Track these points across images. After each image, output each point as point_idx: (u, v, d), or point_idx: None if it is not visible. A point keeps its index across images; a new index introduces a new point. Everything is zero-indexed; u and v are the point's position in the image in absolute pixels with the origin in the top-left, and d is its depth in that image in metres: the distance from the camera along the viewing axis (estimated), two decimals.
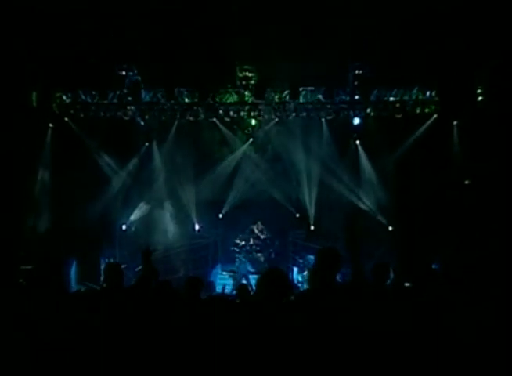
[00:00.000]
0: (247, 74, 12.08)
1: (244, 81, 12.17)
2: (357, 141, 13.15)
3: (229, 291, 12.43)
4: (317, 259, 3.74)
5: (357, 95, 12.27)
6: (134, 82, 12.07)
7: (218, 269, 13.72)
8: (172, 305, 4.23)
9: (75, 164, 11.86)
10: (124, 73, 11.88)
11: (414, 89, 12.17)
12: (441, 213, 11.67)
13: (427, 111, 12.43)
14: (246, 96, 12.37)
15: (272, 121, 12.91)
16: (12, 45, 10.33)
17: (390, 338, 3.07)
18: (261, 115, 12.76)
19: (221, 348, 3.12)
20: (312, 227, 13.13)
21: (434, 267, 7.92)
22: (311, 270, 8.98)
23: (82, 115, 12.47)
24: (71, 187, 11.53)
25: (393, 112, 12.37)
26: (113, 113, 12.46)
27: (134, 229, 13.28)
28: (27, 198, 11.91)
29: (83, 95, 12.28)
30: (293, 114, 12.60)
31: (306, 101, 12.36)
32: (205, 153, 13.30)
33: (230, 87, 12.27)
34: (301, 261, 13.03)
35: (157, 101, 12.46)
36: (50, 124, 12.63)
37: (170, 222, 12.99)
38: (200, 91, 12.30)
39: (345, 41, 10.21)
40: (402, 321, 3.20)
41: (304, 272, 12.67)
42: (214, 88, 12.32)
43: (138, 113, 12.62)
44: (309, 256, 12.43)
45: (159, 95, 12.39)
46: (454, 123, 12.38)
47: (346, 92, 12.28)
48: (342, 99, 12.40)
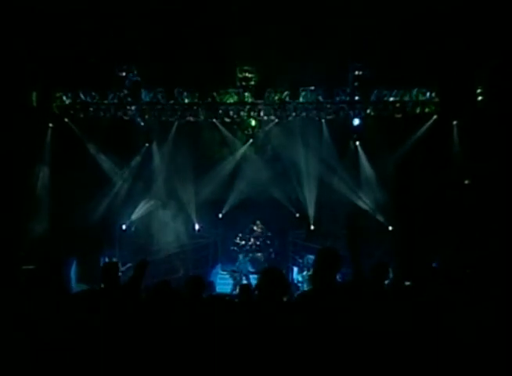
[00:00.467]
0: (247, 74, 12.08)
1: (244, 82, 12.17)
2: (357, 142, 13.17)
3: (229, 290, 12.43)
4: (317, 259, 3.74)
5: (357, 96, 12.27)
6: (134, 82, 12.06)
7: (218, 268, 13.72)
8: (173, 305, 4.23)
9: (75, 164, 11.85)
10: (124, 74, 11.87)
11: (414, 90, 12.17)
12: (441, 213, 11.67)
13: (427, 111, 12.43)
14: (246, 97, 12.38)
15: (272, 121, 12.92)
16: (12, 45, 10.33)
17: (390, 337, 3.07)
18: (261, 115, 12.76)
19: (222, 347, 3.12)
20: (312, 227, 13.13)
21: (434, 266, 7.92)
22: (311, 270, 8.99)
23: (82, 115, 12.47)
24: (71, 187, 11.53)
25: (393, 112, 12.37)
26: (113, 113, 12.46)
27: (134, 229, 13.28)
28: (27, 198, 11.91)
29: (83, 96, 12.28)
30: (293, 114, 12.59)
31: (306, 101, 12.36)
32: (205, 154, 13.31)
33: (230, 87, 12.26)
34: (300, 261, 13.03)
35: (157, 101, 12.46)
36: (50, 124, 12.64)
37: (170, 222, 12.98)
38: (200, 91, 12.30)
39: (345, 41, 10.21)
40: (402, 321, 3.20)
41: (304, 273, 12.66)
42: (214, 89, 12.32)
43: (138, 113, 12.63)
44: (309, 256, 12.42)
45: (159, 96, 12.39)
46: (454, 123, 12.38)
47: (346, 92, 12.27)
48: (342, 99, 12.40)
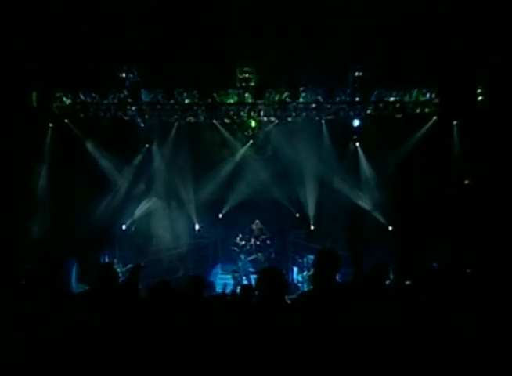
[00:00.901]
0: (247, 75, 12.08)
1: (244, 83, 12.17)
2: (357, 143, 13.17)
3: (229, 290, 12.42)
4: (317, 259, 3.74)
5: (357, 97, 12.27)
6: (134, 83, 12.06)
7: (218, 268, 13.72)
8: (173, 305, 4.23)
9: (75, 164, 11.86)
10: (124, 74, 11.87)
11: (414, 91, 12.16)
12: (441, 213, 11.67)
13: (427, 111, 12.44)
14: (246, 98, 12.38)
15: (272, 122, 12.93)
16: (12, 44, 10.33)
17: (390, 338, 3.07)
18: (261, 116, 12.76)
19: (222, 347, 3.12)
20: (312, 227, 13.14)
21: (434, 266, 7.92)
22: (311, 270, 8.99)
23: (82, 115, 12.47)
24: (71, 187, 11.54)
25: (393, 112, 12.37)
26: (113, 113, 12.47)
27: (134, 229, 13.29)
28: (27, 198, 11.91)
29: (82, 96, 12.28)
30: (293, 114, 12.59)
31: (306, 101, 12.36)
32: (205, 155, 13.33)
33: (230, 88, 12.26)
34: (300, 261, 13.03)
35: (157, 101, 12.46)
36: (50, 124, 12.64)
37: (170, 222, 12.99)
38: (200, 91, 12.30)
39: (345, 41, 10.21)
40: (402, 321, 3.20)
41: (304, 273, 12.67)
42: (214, 89, 12.32)
43: (138, 113, 12.63)
44: (309, 256, 12.42)
45: (159, 97, 12.39)
46: (454, 123, 12.38)
47: (346, 93, 12.27)
48: (342, 100, 12.40)
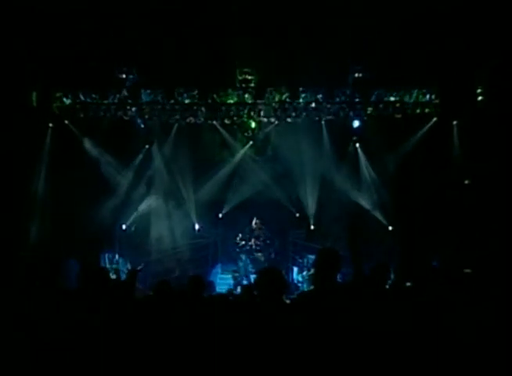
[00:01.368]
0: (247, 76, 12.08)
1: (244, 84, 12.17)
2: (357, 144, 13.17)
3: (230, 290, 12.42)
4: (317, 259, 3.74)
5: (357, 99, 12.27)
6: (134, 83, 12.05)
7: (218, 268, 13.72)
8: (173, 305, 4.23)
9: (75, 164, 11.86)
10: (124, 75, 11.87)
11: (414, 91, 12.16)
12: (441, 213, 11.67)
13: (427, 111, 12.43)
14: (246, 98, 12.38)
15: (272, 123, 12.93)
16: (12, 45, 10.33)
17: (390, 337, 3.07)
18: (261, 116, 12.76)
19: (222, 347, 3.12)
20: (312, 227, 13.14)
21: (434, 265, 7.92)
22: (311, 270, 8.99)
23: (82, 115, 12.47)
24: (71, 187, 11.53)
25: (393, 112, 12.37)
26: (113, 113, 12.47)
27: (134, 228, 13.28)
28: (27, 198, 11.91)
29: (82, 96, 12.28)
30: (293, 114, 12.59)
31: (306, 101, 12.36)
32: (205, 156, 13.34)
33: (230, 88, 12.26)
34: (300, 261, 13.03)
35: (157, 101, 12.46)
36: (50, 124, 12.64)
37: (170, 222, 13.00)
38: (199, 91, 12.30)
39: (345, 42, 10.21)
40: (402, 321, 3.20)
41: (304, 272, 12.67)
42: (214, 89, 12.31)
43: (138, 114, 12.62)
44: (309, 256, 12.43)
45: (159, 98, 12.39)
46: (454, 123, 12.38)
47: (346, 94, 12.27)
48: (342, 100, 12.40)
